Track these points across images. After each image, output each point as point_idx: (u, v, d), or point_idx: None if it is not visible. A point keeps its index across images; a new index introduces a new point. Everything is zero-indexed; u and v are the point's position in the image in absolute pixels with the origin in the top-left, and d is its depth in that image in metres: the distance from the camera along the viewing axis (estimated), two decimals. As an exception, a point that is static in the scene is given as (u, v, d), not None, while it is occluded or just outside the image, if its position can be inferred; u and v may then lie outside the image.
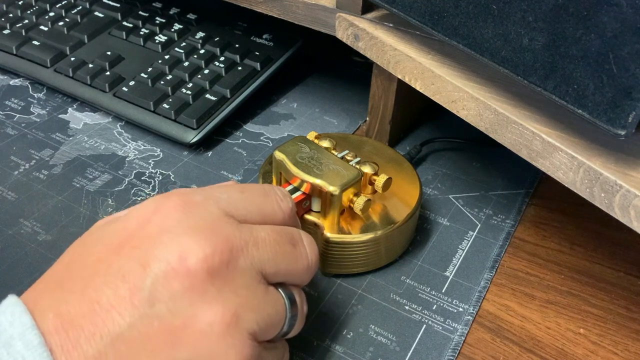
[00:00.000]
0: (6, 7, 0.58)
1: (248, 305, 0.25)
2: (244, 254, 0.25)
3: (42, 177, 0.43)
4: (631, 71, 0.24)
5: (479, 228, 0.41)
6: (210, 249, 0.24)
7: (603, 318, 0.35)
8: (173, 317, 0.23)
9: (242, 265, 0.25)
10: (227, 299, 0.24)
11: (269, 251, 0.26)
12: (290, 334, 0.28)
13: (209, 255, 0.24)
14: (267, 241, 0.27)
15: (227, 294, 0.24)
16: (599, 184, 0.28)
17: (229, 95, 0.49)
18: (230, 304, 0.24)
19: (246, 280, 0.25)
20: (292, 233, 0.28)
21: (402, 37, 0.39)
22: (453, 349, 0.33)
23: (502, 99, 0.33)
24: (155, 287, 0.23)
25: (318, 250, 0.30)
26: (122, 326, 0.22)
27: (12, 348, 0.21)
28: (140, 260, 0.24)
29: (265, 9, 0.45)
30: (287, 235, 0.28)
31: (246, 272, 0.25)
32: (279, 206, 0.29)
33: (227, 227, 0.26)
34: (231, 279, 0.24)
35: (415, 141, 0.48)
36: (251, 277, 0.25)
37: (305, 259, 0.28)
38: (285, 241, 0.28)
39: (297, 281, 0.28)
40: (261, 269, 0.26)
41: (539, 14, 0.26)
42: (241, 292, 0.25)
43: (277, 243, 0.27)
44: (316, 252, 0.29)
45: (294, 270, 0.28)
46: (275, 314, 0.26)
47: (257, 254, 0.26)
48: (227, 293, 0.24)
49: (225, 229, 0.25)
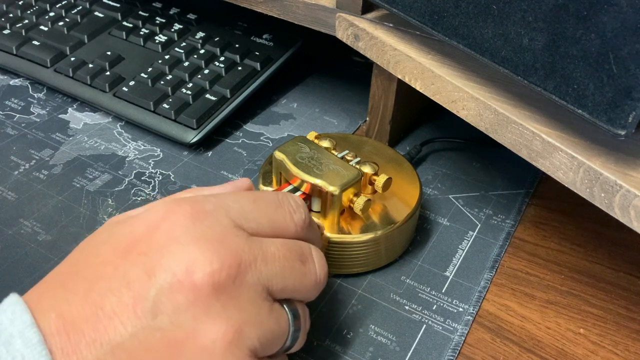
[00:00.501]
0: (6, 7, 0.58)
1: (251, 322, 0.24)
2: (252, 270, 0.25)
3: (42, 177, 0.43)
4: (631, 71, 0.24)
5: (479, 228, 0.41)
6: (218, 263, 0.24)
7: (603, 318, 0.35)
8: (175, 330, 0.23)
9: (249, 281, 0.25)
10: (231, 316, 0.24)
11: (278, 267, 0.26)
12: (292, 349, 0.28)
13: (216, 271, 0.24)
14: (276, 257, 0.26)
15: (231, 310, 0.24)
16: (599, 184, 0.28)
17: (229, 95, 0.49)
18: (234, 320, 0.24)
19: (252, 296, 0.25)
20: (302, 249, 0.28)
21: (402, 37, 0.39)
22: (453, 349, 0.33)
23: (502, 99, 0.33)
24: (160, 299, 0.23)
25: (327, 267, 0.29)
26: (123, 335, 0.22)
27: (12, 346, 0.21)
28: (146, 268, 0.23)
29: (265, 9, 0.45)
30: (297, 251, 0.27)
31: (252, 288, 0.25)
32: (292, 218, 0.28)
33: (236, 240, 0.25)
34: (237, 295, 0.24)
35: (415, 141, 0.48)
36: (257, 293, 0.25)
37: (314, 275, 0.28)
38: (295, 257, 0.27)
39: (303, 297, 0.28)
40: (268, 285, 0.26)
41: (539, 14, 0.26)
42: (246, 308, 0.24)
43: (286, 259, 0.26)
44: (325, 268, 0.29)
45: (301, 287, 0.27)
46: (278, 330, 0.26)
47: (265, 270, 0.25)
48: (232, 309, 0.24)
49: (235, 242, 0.25)
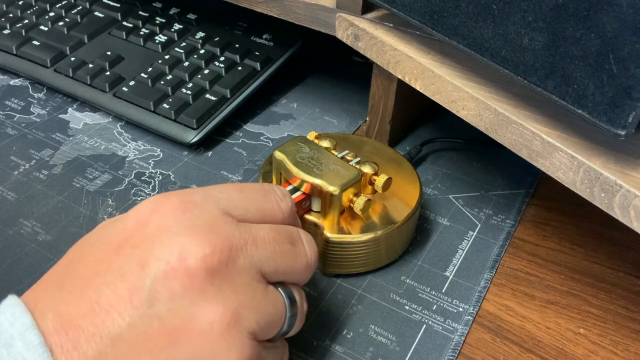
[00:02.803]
0: (6, 7, 0.58)
1: (248, 304, 0.25)
2: (243, 253, 0.25)
3: (42, 177, 0.43)
4: (631, 71, 0.24)
5: (479, 228, 0.41)
6: (210, 248, 0.24)
7: (603, 318, 0.35)
8: (173, 316, 0.23)
9: (241, 264, 0.25)
10: (227, 298, 0.24)
11: (268, 250, 0.26)
12: (290, 333, 0.28)
13: (208, 255, 0.24)
14: (266, 240, 0.27)
15: (226, 293, 0.24)
16: (599, 184, 0.28)
17: (229, 95, 0.49)
18: (230, 303, 0.24)
19: (245, 279, 0.25)
20: (291, 232, 0.29)
21: (402, 37, 0.39)
22: (453, 349, 0.33)
23: (502, 99, 0.33)
24: (155, 287, 0.23)
25: (317, 249, 0.30)
26: (121, 326, 0.22)
27: (13, 348, 0.21)
28: (139, 259, 0.24)
29: (265, 9, 0.45)
30: (286, 234, 0.28)
31: (245, 271, 0.25)
32: (279, 205, 0.29)
33: (226, 226, 0.26)
34: (231, 278, 0.24)
35: (415, 141, 0.48)
36: (251, 276, 0.25)
37: (305, 257, 0.28)
38: (284, 240, 0.28)
39: (297, 280, 0.29)
40: (260, 268, 0.26)
41: (539, 14, 0.26)
42: (241, 291, 0.25)
43: (276, 242, 0.27)
44: (315, 250, 0.29)
45: (293, 268, 0.28)
46: (275, 313, 0.26)
47: (257, 253, 0.26)
48: (227, 292, 0.24)
49: (224, 228, 0.25)
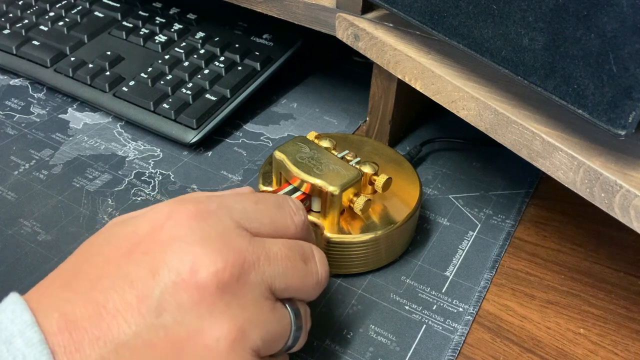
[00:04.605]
0: (6, 7, 0.58)
1: (254, 321, 0.24)
2: (255, 269, 0.25)
3: (42, 177, 0.43)
4: (631, 71, 0.24)
5: (479, 228, 0.41)
6: (222, 263, 0.24)
7: (603, 318, 0.35)
8: (179, 328, 0.23)
9: (252, 281, 0.25)
10: (235, 315, 0.24)
11: (280, 267, 0.26)
12: (293, 348, 0.28)
13: (220, 270, 0.24)
14: (279, 256, 0.26)
15: (235, 309, 0.24)
16: (599, 184, 0.28)
17: (229, 95, 0.49)
18: (237, 319, 0.24)
19: (255, 295, 0.25)
20: (304, 248, 0.28)
21: (402, 37, 0.39)
22: (453, 349, 0.33)
23: (502, 99, 0.33)
24: (164, 297, 0.23)
25: (328, 266, 0.29)
26: (127, 334, 0.22)
27: (12, 345, 0.21)
28: (150, 266, 0.23)
29: (265, 9, 0.45)
30: (299, 251, 0.28)
31: (256, 288, 0.25)
32: (292, 219, 0.29)
33: (239, 240, 0.25)
34: (241, 294, 0.24)
35: (415, 141, 0.48)
36: (260, 292, 0.25)
37: (316, 275, 0.28)
38: (297, 257, 0.27)
39: (305, 297, 0.28)
40: (271, 284, 0.26)
41: (539, 14, 0.26)
42: (249, 307, 0.24)
43: (288, 259, 0.27)
44: (327, 268, 0.29)
45: (303, 286, 0.28)
46: (281, 330, 0.26)
47: (268, 269, 0.26)
48: (235, 308, 0.24)
49: (238, 242, 0.25)
